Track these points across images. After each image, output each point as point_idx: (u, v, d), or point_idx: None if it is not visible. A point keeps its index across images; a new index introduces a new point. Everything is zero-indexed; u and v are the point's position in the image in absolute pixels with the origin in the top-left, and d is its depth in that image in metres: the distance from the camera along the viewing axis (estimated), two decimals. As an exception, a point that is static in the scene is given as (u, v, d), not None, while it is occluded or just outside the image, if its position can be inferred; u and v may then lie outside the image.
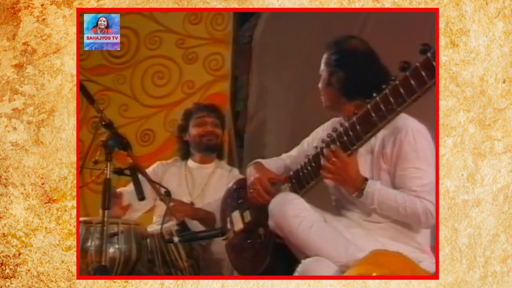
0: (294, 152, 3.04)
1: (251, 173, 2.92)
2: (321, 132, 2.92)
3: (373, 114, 2.45)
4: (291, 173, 2.81)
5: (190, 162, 3.72)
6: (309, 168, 2.70)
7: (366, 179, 2.54)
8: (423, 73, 2.30)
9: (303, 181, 2.73)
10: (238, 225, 2.93)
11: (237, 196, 3.06)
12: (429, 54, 2.28)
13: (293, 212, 2.55)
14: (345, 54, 2.73)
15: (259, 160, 3.01)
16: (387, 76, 2.47)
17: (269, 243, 2.71)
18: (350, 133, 2.52)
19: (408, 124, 2.60)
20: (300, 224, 2.53)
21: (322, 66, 2.79)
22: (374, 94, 2.45)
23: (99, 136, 2.83)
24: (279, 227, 2.58)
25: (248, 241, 2.85)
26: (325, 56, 2.79)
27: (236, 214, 2.96)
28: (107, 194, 2.67)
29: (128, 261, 3.04)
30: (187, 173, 3.68)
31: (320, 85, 2.79)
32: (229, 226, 3.01)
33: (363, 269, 2.39)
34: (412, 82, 2.32)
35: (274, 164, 3.01)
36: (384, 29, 3.72)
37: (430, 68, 2.28)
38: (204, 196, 3.61)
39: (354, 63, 2.69)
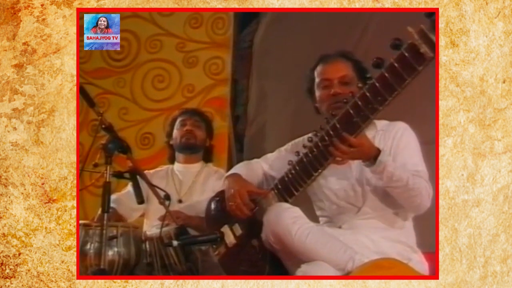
0: (271, 155, 3.02)
1: (230, 185, 2.85)
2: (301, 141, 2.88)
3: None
4: (276, 181, 2.77)
5: (176, 165, 3.78)
6: (294, 173, 2.67)
7: (379, 150, 2.51)
8: (399, 68, 2.29)
9: (291, 188, 2.70)
10: (230, 240, 2.89)
11: (221, 208, 2.98)
12: (402, 50, 2.26)
13: (290, 220, 2.53)
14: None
15: (237, 172, 2.93)
16: None
17: (266, 253, 2.68)
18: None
19: (406, 126, 2.69)
20: (297, 231, 2.50)
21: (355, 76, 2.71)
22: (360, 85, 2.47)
23: (99, 139, 2.83)
24: (276, 236, 2.55)
25: (243, 254, 2.82)
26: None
27: (225, 229, 2.92)
28: (106, 197, 2.68)
29: (127, 264, 3.03)
30: (174, 174, 3.73)
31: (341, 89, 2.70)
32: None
33: (364, 272, 2.40)
34: (389, 77, 2.32)
35: (253, 173, 2.95)
36: (385, 31, 3.72)
37: (406, 63, 2.27)
38: (192, 194, 3.65)
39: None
